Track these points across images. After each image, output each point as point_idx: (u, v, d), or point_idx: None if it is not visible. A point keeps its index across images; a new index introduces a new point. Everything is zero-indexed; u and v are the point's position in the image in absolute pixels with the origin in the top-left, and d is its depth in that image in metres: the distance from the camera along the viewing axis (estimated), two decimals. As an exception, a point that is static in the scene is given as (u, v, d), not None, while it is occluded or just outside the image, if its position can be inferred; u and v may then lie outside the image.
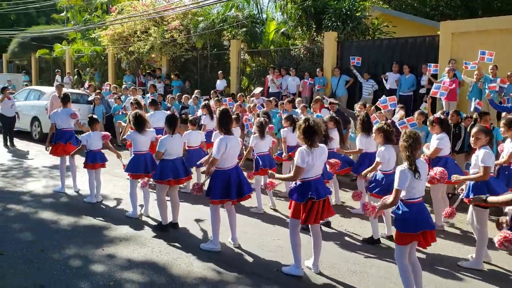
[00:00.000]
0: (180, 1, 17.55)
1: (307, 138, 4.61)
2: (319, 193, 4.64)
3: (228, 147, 5.27)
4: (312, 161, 4.59)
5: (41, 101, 13.69)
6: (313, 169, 4.65)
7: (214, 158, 5.30)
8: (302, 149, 4.64)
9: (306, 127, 4.60)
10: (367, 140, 6.94)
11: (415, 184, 4.03)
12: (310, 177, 4.66)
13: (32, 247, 5.41)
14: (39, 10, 31.11)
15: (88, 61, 22.04)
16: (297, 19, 14.04)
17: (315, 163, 4.63)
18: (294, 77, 13.08)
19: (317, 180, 4.71)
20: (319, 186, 4.69)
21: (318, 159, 4.66)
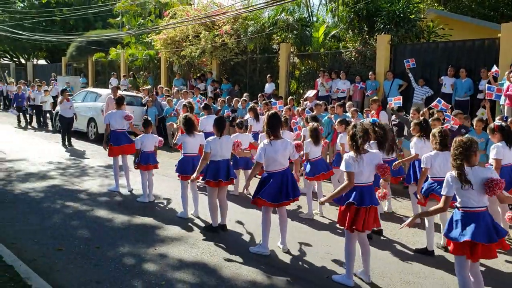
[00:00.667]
0: (231, 6, 17.74)
1: (353, 144, 4.52)
2: (363, 201, 4.52)
3: (271, 151, 5.26)
4: (359, 167, 4.48)
5: (97, 103, 14.24)
6: (360, 176, 4.54)
7: (257, 162, 5.32)
8: (348, 155, 4.56)
9: (353, 133, 4.52)
10: (423, 145, 6.70)
11: (469, 194, 3.83)
12: (356, 183, 4.55)
13: (89, 244, 5.62)
14: (96, 15, 32.42)
15: (142, 64, 22.71)
16: (349, 22, 13.82)
17: (363, 170, 4.52)
18: (344, 80, 12.88)
19: (364, 187, 4.58)
20: (365, 193, 4.56)
21: (367, 165, 4.54)
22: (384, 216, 7.08)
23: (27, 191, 8.01)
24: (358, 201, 4.50)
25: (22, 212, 6.79)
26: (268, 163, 5.36)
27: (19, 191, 8.01)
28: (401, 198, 8.56)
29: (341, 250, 4.92)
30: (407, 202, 8.19)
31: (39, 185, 8.43)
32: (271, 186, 5.32)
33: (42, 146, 12.84)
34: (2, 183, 8.47)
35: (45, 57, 40.10)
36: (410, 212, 7.47)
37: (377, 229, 6.26)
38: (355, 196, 4.50)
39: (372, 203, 4.59)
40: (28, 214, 6.70)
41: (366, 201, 4.53)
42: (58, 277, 4.66)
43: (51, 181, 8.75)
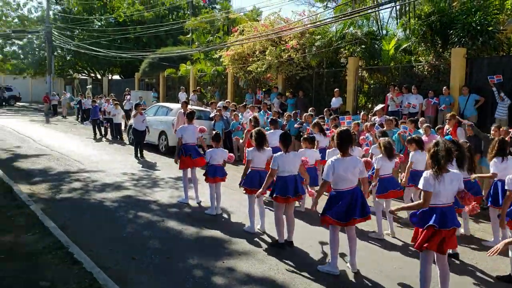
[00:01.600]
0: (299, 21, 17.80)
1: (434, 163, 4.29)
2: (445, 223, 4.28)
3: (340, 169, 5.14)
4: (439, 187, 4.25)
5: (168, 117, 14.74)
6: (440, 196, 4.30)
7: (324, 181, 5.22)
8: (427, 172, 4.34)
9: (435, 151, 4.29)
10: (506, 165, 6.27)
11: None
12: (436, 204, 4.32)
13: (160, 254, 5.76)
14: (168, 33, 33.81)
15: (210, 79, 23.32)
16: (421, 35, 13.36)
17: (443, 190, 4.28)
18: (416, 95, 12.42)
19: (445, 208, 4.34)
20: (446, 214, 4.31)
21: (448, 185, 4.30)
22: (461, 239, 6.66)
23: (103, 200, 8.41)
24: (439, 223, 4.26)
25: (98, 221, 7.12)
26: (336, 181, 5.24)
27: (95, 200, 8.42)
28: (479, 220, 8.05)
29: (415, 273, 4.68)
30: (485, 225, 7.69)
31: (114, 195, 8.82)
32: (340, 205, 5.19)
33: (116, 158, 13.47)
34: (80, 192, 8.95)
35: (119, 73, 42.37)
36: (488, 236, 7.00)
37: (452, 252, 5.91)
38: (436, 219, 4.27)
39: (454, 224, 4.35)
40: (104, 223, 7.01)
41: (448, 222, 4.29)
42: (131, 286, 4.80)
43: (125, 192, 9.12)
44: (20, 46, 42.17)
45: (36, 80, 43.97)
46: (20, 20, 41.50)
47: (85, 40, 36.07)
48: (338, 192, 5.26)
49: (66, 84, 40.59)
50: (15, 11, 41.63)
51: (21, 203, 7.49)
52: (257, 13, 30.09)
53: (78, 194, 8.77)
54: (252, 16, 27.75)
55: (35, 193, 8.65)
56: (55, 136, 18.14)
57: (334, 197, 5.28)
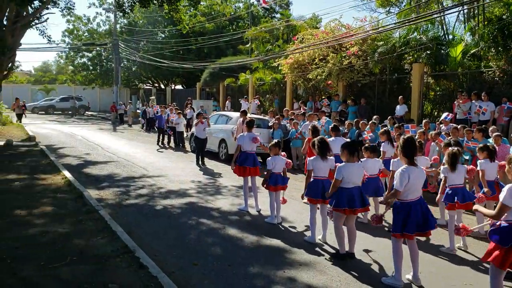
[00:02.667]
0: (360, 27, 17.51)
1: None
2: None
3: (411, 178, 4.95)
4: None
5: (228, 125, 14.97)
6: None
7: (396, 190, 5.02)
8: (510, 185, 4.04)
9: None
10: None
11: None
12: None
13: (221, 261, 5.80)
14: (228, 43, 34.50)
15: (268, 88, 23.46)
16: (492, 39, 12.69)
17: None
18: (487, 102, 11.76)
19: None
20: None
21: None
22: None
23: (167, 206, 8.63)
24: None
25: (162, 227, 7.31)
26: (406, 191, 5.05)
27: (159, 206, 8.66)
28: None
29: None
30: None
31: (177, 201, 9.04)
32: (411, 217, 5.03)
33: (178, 165, 13.83)
34: (146, 198, 9.26)
35: (182, 83, 43.72)
36: None
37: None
38: None
39: None
40: (168, 229, 7.19)
41: None
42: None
43: (188, 198, 9.33)
44: (89, 58, 44.73)
45: (103, 90, 46.45)
46: (90, 34, 44.08)
47: (149, 51, 37.61)
48: (404, 202, 5.07)
49: (132, 94, 42.46)
50: (86, 25, 44.26)
51: (91, 208, 7.85)
52: (316, 21, 30.00)
53: (143, 200, 9.08)
54: (312, 23, 27.69)
55: (103, 198, 9.05)
56: (122, 143, 18.98)
57: (401, 207, 5.10)
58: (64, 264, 5.27)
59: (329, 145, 6.65)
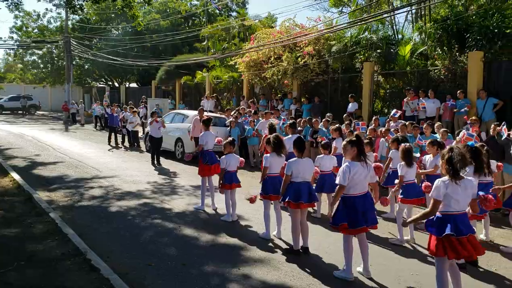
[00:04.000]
0: (314, 27, 17.81)
1: (449, 169, 4.24)
2: (460, 230, 4.23)
3: (355, 174, 5.14)
4: (455, 195, 4.21)
5: (185, 124, 14.87)
6: (455, 203, 4.26)
7: (340, 185, 5.18)
8: (439, 181, 4.29)
9: (450, 157, 4.25)
10: None
11: None
12: (451, 212, 4.28)
13: (176, 261, 5.80)
14: (183, 41, 34.15)
15: (226, 86, 23.46)
16: (437, 39, 13.25)
17: (457, 197, 4.24)
18: (433, 99, 12.29)
19: (460, 215, 4.29)
20: (459, 222, 4.26)
21: (463, 192, 4.24)
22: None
23: (120, 207, 8.50)
24: (455, 231, 4.21)
25: (116, 228, 7.20)
26: (349, 186, 5.21)
27: (113, 207, 8.52)
28: (499, 226, 7.92)
29: (432, 280, 4.62)
30: (504, 231, 7.57)
31: (132, 202, 8.91)
32: (353, 211, 5.18)
33: (133, 165, 13.61)
34: (99, 199, 9.08)
35: (136, 81, 42.89)
36: (509, 242, 6.90)
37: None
38: (452, 227, 4.22)
39: (470, 231, 4.29)
40: (122, 230, 7.09)
41: (463, 230, 4.24)
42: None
43: (142, 199, 9.21)
44: (40, 56, 43.10)
45: (55, 89, 44.86)
46: (40, 30, 42.44)
47: (102, 49, 36.66)
48: (348, 197, 5.24)
49: (85, 92, 41.27)
50: (35, 22, 42.58)
51: (40, 210, 7.62)
52: (272, 20, 30.21)
53: (96, 201, 8.90)
54: (267, 23, 27.87)
55: (54, 200, 8.80)
56: (74, 144, 18.46)
57: (345, 202, 5.27)
58: (12, 269, 5.11)
59: (283, 142, 6.75)
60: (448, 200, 4.26)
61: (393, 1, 18.53)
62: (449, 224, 4.24)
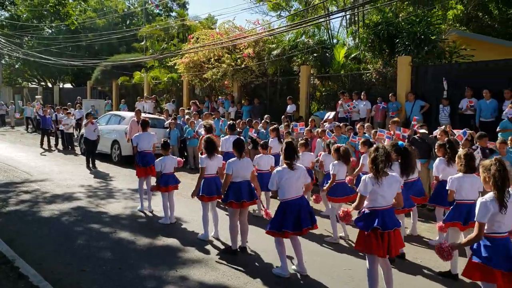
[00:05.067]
0: (253, 30, 18.04)
1: (374, 167, 4.49)
2: (386, 224, 4.47)
3: (284, 179, 5.36)
4: (379, 191, 4.46)
5: (121, 126, 14.51)
6: (381, 199, 4.50)
7: (270, 190, 5.39)
8: (366, 177, 4.54)
9: (375, 156, 4.50)
10: (445, 166, 6.62)
11: (502, 219, 3.73)
12: (377, 207, 4.52)
13: (112, 265, 5.68)
14: (121, 40, 33.32)
15: (165, 87, 23.15)
16: (369, 44, 13.87)
17: (384, 193, 4.49)
18: (365, 101, 12.86)
19: (385, 210, 4.55)
20: (386, 216, 4.51)
21: (387, 188, 4.50)
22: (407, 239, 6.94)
23: (53, 212, 8.17)
24: (382, 225, 4.46)
25: (48, 233, 6.92)
26: (282, 191, 5.41)
27: (45, 212, 8.17)
28: (425, 220, 8.42)
29: (364, 274, 4.85)
30: (430, 225, 8.06)
31: (64, 206, 8.60)
32: (287, 214, 5.37)
33: (67, 168, 13.11)
34: (29, 204, 8.67)
35: (71, 81, 41.25)
36: (434, 235, 7.34)
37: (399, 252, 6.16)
38: (378, 221, 4.46)
39: (395, 225, 4.55)
40: (54, 235, 6.83)
41: (389, 224, 4.49)
42: (81, 298, 4.72)
43: (76, 203, 8.91)
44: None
45: (-18, 89, 42.07)
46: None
47: (35, 47, 34.92)
48: (283, 201, 5.44)
49: (15, 93, 39.02)
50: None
51: (-37, 217, 7.18)
52: (212, 21, 30.22)
53: (26, 207, 8.49)
54: (207, 24, 27.84)
55: (-21, 207, 8.31)
56: (3, 147, 17.45)
57: (280, 206, 5.45)
58: None
59: (215, 143, 6.80)
60: (374, 195, 4.49)
61: (328, 6, 19.16)
62: (376, 218, 4.47)
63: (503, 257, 3.70)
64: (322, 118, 13.09)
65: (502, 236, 3.77)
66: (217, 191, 6.76)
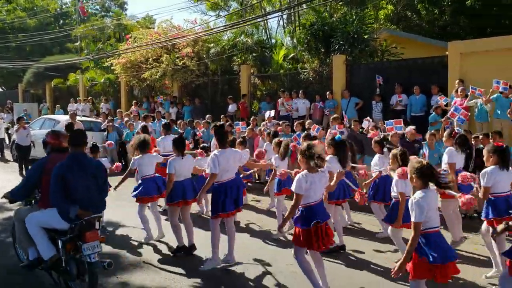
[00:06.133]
0: (191, 29, 17.93)
1: (308, 163, 4.62)
2: (321, 218, 4.63)
3: (223, 161, 5.42)
4: (311, 187, 4.59)
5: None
6: (313, 194, 4.65)
7: (212, 173, 5.43)
8: (300, 175, 4.63)
9: (307, 154, 4.60)
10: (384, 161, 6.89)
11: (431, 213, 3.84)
12: (313, 202, 4.65)
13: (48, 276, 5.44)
14: (53, 41, 31.95)
15: (102, 89, 22.46)
16: (306, 43, 14.21)
17: (315, 188, 4.63)
18: (304, 99, 13.16)
19: (319, 204, 4.71)
20: (318, 211, 4.67)
21: (318, 183, 4.66)
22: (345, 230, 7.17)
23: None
24: (321, 219, 4.60)
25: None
26: (221, 173, 5.49)
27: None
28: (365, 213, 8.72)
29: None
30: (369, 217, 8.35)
31: (-6, 217, 8.14)
32: (227, 196, 5.50)
33: (-3, 176, 12.39)
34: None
35: (0, 84, 39.01)
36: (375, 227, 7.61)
37: (340, 244, 6.36)
38: (318, 216, 4.60)
39: (326, 218, 4.73)
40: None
41: (322, 218, 4.65)
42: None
43: (8, 213, 8.44)
44: None
45: None
46: None
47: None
48: (220, 183, 5.53)
49: None
50: None
51: None
52: (150, 21, 29.68)
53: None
54: (145, 23, 27.31)
55: None
56: None
57: (218, 188, 5.54)
58: None
59: (146, 142, 6.74)
60: (308, 192, 4.62)
61: (265, 6, 19.40)
62: (313, 214, 4.61)
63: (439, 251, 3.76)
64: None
65: (436, 230, 3.88)
66: (157, 191, 6.71)
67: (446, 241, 3.94)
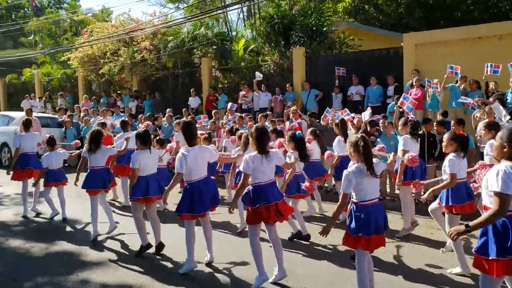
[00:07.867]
0: (149, 22, 17.64)
1: (258, 145, 4.76)
2: (268, 199, 4.74)
3: (190, 161, 5.19)
4: (262, 166, 4.72)
5: (10, 127, 13.47)
6: (264, 174, 4.78)
7: (178, 173, 5.24)
8: (247, 156, 4.78)
9: (258, 134, 4.77)
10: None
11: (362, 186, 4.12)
12: (262, 182, 4.78)
13: (6, 277, 5.31)
14: (6, 35, 30.68)
15: (58, 84, 21.81)
16: (266, 36, 14.26)
17: (266, 169, 4.77)
18: (266, 92, 13.23)
19: (269, 184, 4.82)
20: (269, 191, 4.79)
21: (268, 165, 4.79)
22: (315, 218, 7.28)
23: None
24: (266, 200, 4.72)
25: None
26: (187, 172, 5.27)
27: None
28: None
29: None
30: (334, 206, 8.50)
31: None
32: (200, 196, 5.26)
33: None
34: None
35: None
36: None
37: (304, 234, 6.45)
38: (267, 196, 4.74)
39: (276, 199, 4.83)
40: None
41: (270, 198, 4.76)
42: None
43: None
44: None
45: None
46: None
47: None
48: (189, 183, 5.31)
49: None
50: None
51: None
52: (107, 13, 28.96)
53: None
54: (101, 16, 26.63)
55: None
56: None
57: (187, 188, 5.33)
58: None
59: (98, 136, 6.65)
60: (256, 172, 4.75)
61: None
62: (260, 194, 4.74)
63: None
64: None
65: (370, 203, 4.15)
66: (103, 185, 6.67)
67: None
